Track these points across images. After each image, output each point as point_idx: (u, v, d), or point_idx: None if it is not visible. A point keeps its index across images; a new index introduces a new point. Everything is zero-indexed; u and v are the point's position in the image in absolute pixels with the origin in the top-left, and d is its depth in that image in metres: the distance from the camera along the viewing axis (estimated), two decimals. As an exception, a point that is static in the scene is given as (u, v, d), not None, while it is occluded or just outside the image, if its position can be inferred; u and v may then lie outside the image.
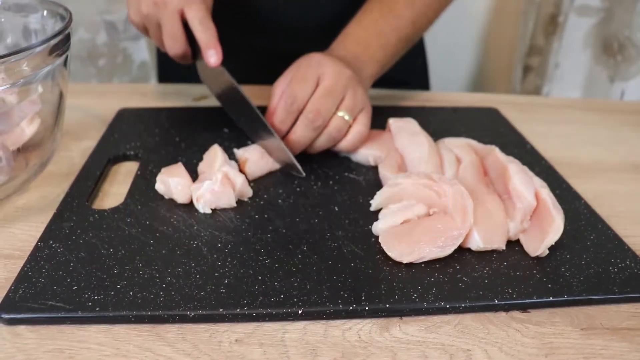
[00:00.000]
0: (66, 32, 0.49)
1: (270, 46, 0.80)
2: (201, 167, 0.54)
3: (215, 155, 0.54)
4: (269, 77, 0.82)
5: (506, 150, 0.57)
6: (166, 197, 0.52)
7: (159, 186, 0.52)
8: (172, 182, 0.51)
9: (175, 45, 0.58)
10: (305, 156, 0.60)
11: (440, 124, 0.68)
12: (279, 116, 0.56)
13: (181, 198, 0.51)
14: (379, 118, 0.63)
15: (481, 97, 0.82)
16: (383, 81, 0.77)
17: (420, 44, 0.93)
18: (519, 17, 1.31)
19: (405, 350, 0.38)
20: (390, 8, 0.66)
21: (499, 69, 1.41)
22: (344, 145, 0.58)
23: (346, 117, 0.56)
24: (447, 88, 1.29)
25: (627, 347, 0.39)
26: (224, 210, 0.50)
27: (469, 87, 1.43)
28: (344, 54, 0.62)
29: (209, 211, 0.50)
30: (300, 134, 0.55)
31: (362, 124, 0.58)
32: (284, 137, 0.57)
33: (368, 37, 0.64)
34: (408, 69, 0.90)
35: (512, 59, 1.38)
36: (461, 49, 1.38)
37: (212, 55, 0.57)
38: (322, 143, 0.57)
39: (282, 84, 0.58)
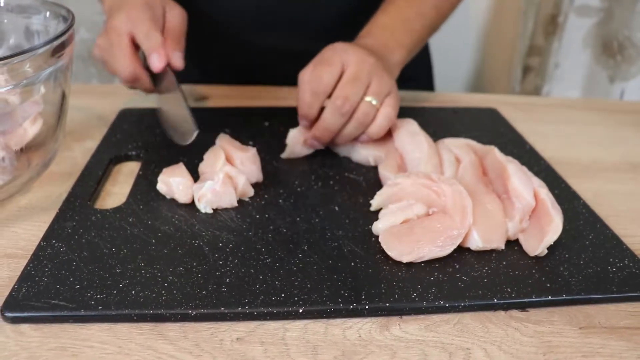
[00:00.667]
0: (68, 33, 0.49)
1: (273, 45, 0.81)
2: (202, 167, 0.55)
3: (216, 155, 0.54)
4: (271, 76, 0.82)
5: (505, 150, 0.58)
6: (168, 197, 0.52)
7: (161, 186, 0.52)
8: (173, 182, 0.51)
9: (125, 63, 0.57)
10: (305, 158, 0.60)
11: (440, 124, 0.68)
12: (306, 100, 0.57)
13: (183, 198, 0.51)
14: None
15: (481, 97, 0.82)
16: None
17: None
18: (519, 17, 1.31)
19: (405, 349, 0.38)
20: None
21: (499, 69, 1.42)
22: (373, 130, 0.57)
23: (374, 102, 0.56)
24: (447, 88, 1.29)
25: (625, 346, 0.39)
26: (225, 210, 0.51)
27: (469, 87, 1.43)
28: (372, 42, 0.63)
29: (210, 211, 0.50)
30: (329, 121, 0.56)
31: (390, 106, 0.58)
32: (312, 124, 0.58)
33: (394, 24, 0.65)
34: (413, 64, 0.90)
35: (512, 59, 1.38)
36: (461, 49, 1.38)
37: (155, 59, 0.56)
38: (351, 130, 0.57)
39: (307, 72, 0.58)
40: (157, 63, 0.56)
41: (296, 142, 0.60)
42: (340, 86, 0.56)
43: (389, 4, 0.68)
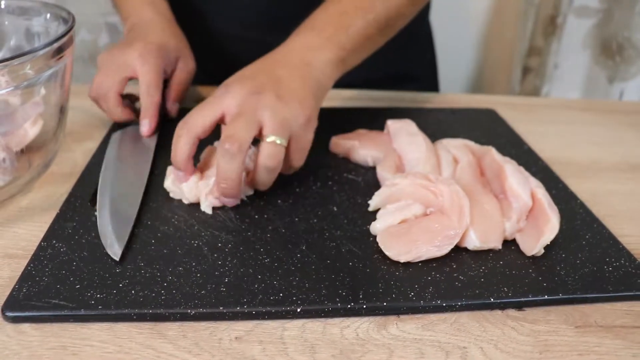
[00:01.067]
0: (69, 35, 0.50)
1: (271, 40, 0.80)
2: (201, 165, 0.55)
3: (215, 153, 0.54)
4: None
5: (503, 150, 0.58)
6: (175, 197, 0.52)
7: (169, 185, 0.52)
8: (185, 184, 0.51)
9: (116, 116, 0.64)
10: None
11: (438, 125, 0.69)
12: (175, 147, 0.51)
13: (192, 198, 0.51)
14: (378, 119, 0.64)
15: (479, 98, 0.82)
16: (391, 77, 0.77)
17: (429, 39, 0.93)
18: (519, 18, 1.31)
19: (402, 348, 0.38)
20: None
21: (499, 69, 1.42)
22: (296, 164, 0.53)
23: (278, 142, 0.49)
24: (446, 89, 1.29)
25: (621, 344, 0.39)
26: (224, 210, 0.51)
27: (469, 87, 1.44)
28: (292, 46, 0.57)
29: (210, 211, 0.50)
30: (225, 168, 0.48)
31: (298, 146, 0.52)
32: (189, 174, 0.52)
33: (327, 20, 0.58)
34: (417, 64, 0.90)
35: (511, 59, 1.38)
36: (461, 50, 1.39)
37: (145, 125, 0.61)
38: (260, 177, 0.51)
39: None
40: (146, 130, 0.61)
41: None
42: (224, 129, 0.49)
43: (329, 1, 0.61)
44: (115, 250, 0.44)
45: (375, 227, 0.48)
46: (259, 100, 0.50)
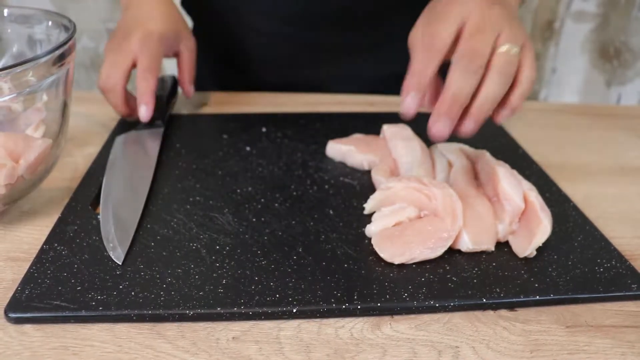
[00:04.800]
0: (70, 42, 0.51)
1: (305, 37, 0.80)
2: None
3: None
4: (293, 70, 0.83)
5: (498, 154, 0.59)
6: None
7: None
8: None
9: (119, 109, 0.67)
10: (300, 163, 0.61)
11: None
12: (417, 63, 0.47)
13: None
14: (374, 124, 0.65)
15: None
16: (394, 79, 0.78)
17: None
18: (516, 23, 1.32)
19: (396, 347, 0.39)
20: None
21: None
22: (522, 88, 0.49)
23: (513, 50, 0.46)
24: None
25: (610, 344, 0.40)
26: (222, 214, 0.52)
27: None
28: None
29: None
30: (460, 84, 0.45)
31: (529, 59, 0.49)
32: (424, 97, 0.49)
33: None
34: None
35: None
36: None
37: (142, 110, 0.63)
38: (493, 88, 0.47)
39: (417, 32, 0.50)
40: (144, 115, 0.64)
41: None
42: (464, 40, 0.46)
43: None
44: (117, 254, 0.45)
45: (370, 230, 0.49)
46: (499, 11, 0.48)
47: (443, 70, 0.50)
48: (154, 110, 0.65)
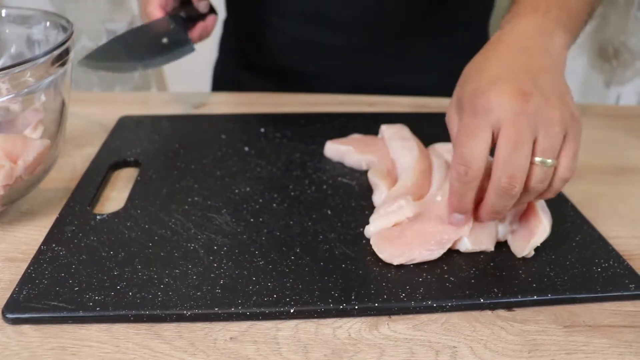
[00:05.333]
0: (68, 43, 0.51)
1: (310, 37, 0.81)
2: None
3: None
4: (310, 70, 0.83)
5: (496, 154, 0.59)
6: None
7: None
8: None
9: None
10: (299, 163, 0.61)
11: (432, 129, 0.69)
12: (455, 190, 0.45)
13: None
14: (373, 124, 0.65)
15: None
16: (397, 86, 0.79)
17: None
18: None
19: (393, 348, 0.39)
20: None
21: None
22: (549, 195, 0.46)
23: (548, 162, 0.43)
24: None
25: (608, 343, 0.40)
26: (220, 214, 0.52)
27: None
28: (524, 32, 0.49)
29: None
30: (497, 205, 0.44)
31: (568, 156, 0.44)
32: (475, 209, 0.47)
33: (545, 1, 0.51)
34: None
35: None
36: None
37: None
38: (527, 198, 0.46)
39: (454, 119, 0.48)
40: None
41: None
42: (501, 161, 0.42)
43: None
44: None
45: (369, 230, 0.49)
46: (534, 112, 0.43)
47: None
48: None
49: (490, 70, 0.46)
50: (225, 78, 0.94)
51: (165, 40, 0.68)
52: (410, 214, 0.49)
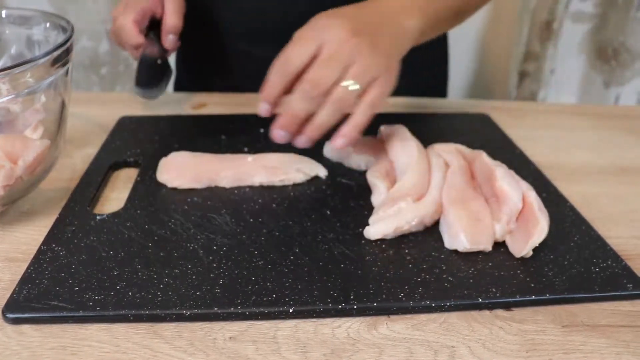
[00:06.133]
0: (68, 44, 0.51)
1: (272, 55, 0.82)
2: None
3: None
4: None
5: (496, 155, 0.59)
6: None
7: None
8: None
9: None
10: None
11: (431, 130, 0.70)
12: (270, 80, 0.52)
13: None
14: (372, 125, 0.65)
15: (473, 103, 0.84)
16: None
17: (443, 51, 0.95)
18: (515, 23, 1.33)
19: (392, 347, 0.39)
20: None
21: (496, 74, 1.43)
22: (355, 120, 0.51)
23: (351, 87, 0.49)
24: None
25: (606, 343, 0.40)
26: (220, 214, 0.52)
27: (466, 93, 1.45)
28: (376, 5, 0.56)
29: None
30: (295, 107, 0.50)
31: (376, 91, 0.51)
32: (273, 110, 0.53)
33: None
34: (430, 73, 0.91)
35: (508, 64, 1.39)
36: (457, 56, 1.40)
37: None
38: (323, 117, 0.50)
39: (288, 45, 0.53)
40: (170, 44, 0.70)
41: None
42: (312, 68, 0.50)
43: None
44: None
45: (369, 232, 0.49)
46: (356, 44, 0.50)
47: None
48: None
49: (340, 12, 0.54)
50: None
51: (159, 61, 0.70)
52: (410, 216, 0.49)
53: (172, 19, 0.70)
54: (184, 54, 0.91)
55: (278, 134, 0.52)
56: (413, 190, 0.52)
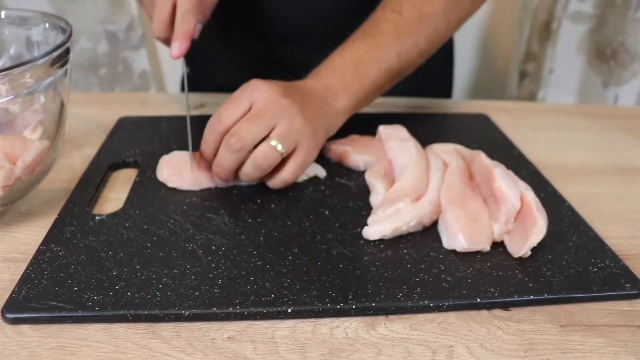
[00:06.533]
0: (67, 44, 0.51)
1: (277, 53, 0.82)
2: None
3: None
4: None
5: (494, 155, 0.59)
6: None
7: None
8: None
9: (158, 29, 0.60)
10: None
11: (430, 130, 0.70)
12: (205, 137, 0.55)
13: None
14: (371, 125, 0.65)
15: (472, 103, 0.84)
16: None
17: (449, 53, 0.95)
18: (514, 23, 1.33)
19: (390, 347, 0.40)
20: (374, 38, 0.62)
21: (496, 75, 1.43)
22: (281, 176, 0.55)
23: (278, 147, 0.52)
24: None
25: (603, 342, 0.40)
26: (219, 214, 0.52)
27: (466, 93, 1.45)
28: (313, 83, 0.59)
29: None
30: (223, 158, 0.53)
31: (294, 164, 0.54)
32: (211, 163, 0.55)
33: (345, 67, 0.60)
34: (435, 75, 0.91)
35: (508, 65, 1.39)
36: (458, 56, 1.40)
37: (175, 47, 0.57)
38: (247, 170, 0.53)
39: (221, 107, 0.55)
40: (175, 52, 0.58)
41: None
42: (238, 123, 0.52)
43: (346, 46, 0.62)
44: None
45: (367, 232, 0.49)
46: (283, 106, 0.53)
47: None
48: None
49: (273, 81, 0.56)
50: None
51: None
52: (408, 216, 0.49)
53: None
54: (193, 54, 0.91)
55: (215, 180, 0.56)
56: (411, 191, 0.52)
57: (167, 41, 0.61)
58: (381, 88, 0.63)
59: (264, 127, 0.52)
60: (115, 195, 0.57)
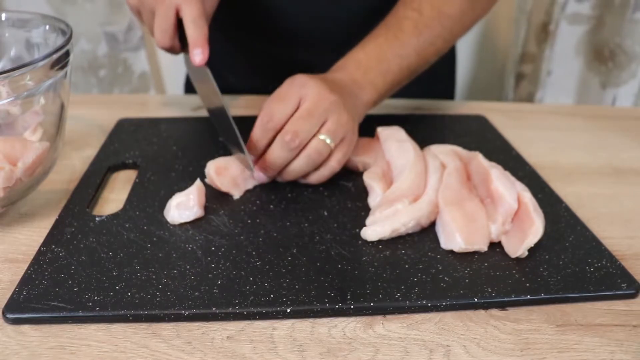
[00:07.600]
0: (67, 47, 0.51)
1: (288, 55, 0.82)
2: None
3: None
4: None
5: (492, 156, 0.60)
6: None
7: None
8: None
9: (164, 39, 0.60)
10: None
11: (428, 131, 0.70)
12: (255, 134, 0.55)
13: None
14: (369, 126, 0.66)
15: (470, 104, 0.84)
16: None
17: (452, 55, 0.95)
18: (511, 25, 1.33)
19: (388, 346, 0.40)
20: (395, 35, 0.63)
21: (493, 76, 1.44)
22: (323, 172, 0.56)
23: (328, 141, 0.54)
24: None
25: (599, 342, 0.41)
26: (218, 215, 0.52)
27: (464, 94, 1.45)
28: (341, 76, 0.60)
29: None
30: (277, 155, 0.54)
31: (342, 151, 0.56)
32: (260, 156, 0.56)
33: (369, 62, 0.62)
34: (439, 76, 0.92)
35: (505, 66, 1.40)
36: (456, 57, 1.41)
37: (198, 55, 0.57)
38: (299, 166, 0.55)
39: (269, 100, 0.56)
40: (199, 59, 0.57)
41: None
42: (292, 120, 0.54)
43: (368, 41, 0.64)
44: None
45: (366, 234, 0.49)
46: (332, 102, 0.55)
47: None
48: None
49: (312, 75, 0.58)
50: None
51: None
52: (406, 218, 0.49)
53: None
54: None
55: (259, 175, 0.57)
56: (409, 192, 0.52)
57: (172, 50, 0.62)
58: (399, 84, 0.65)
59: (316, 123, 0.54)
60: (115, 196, 0.57)
